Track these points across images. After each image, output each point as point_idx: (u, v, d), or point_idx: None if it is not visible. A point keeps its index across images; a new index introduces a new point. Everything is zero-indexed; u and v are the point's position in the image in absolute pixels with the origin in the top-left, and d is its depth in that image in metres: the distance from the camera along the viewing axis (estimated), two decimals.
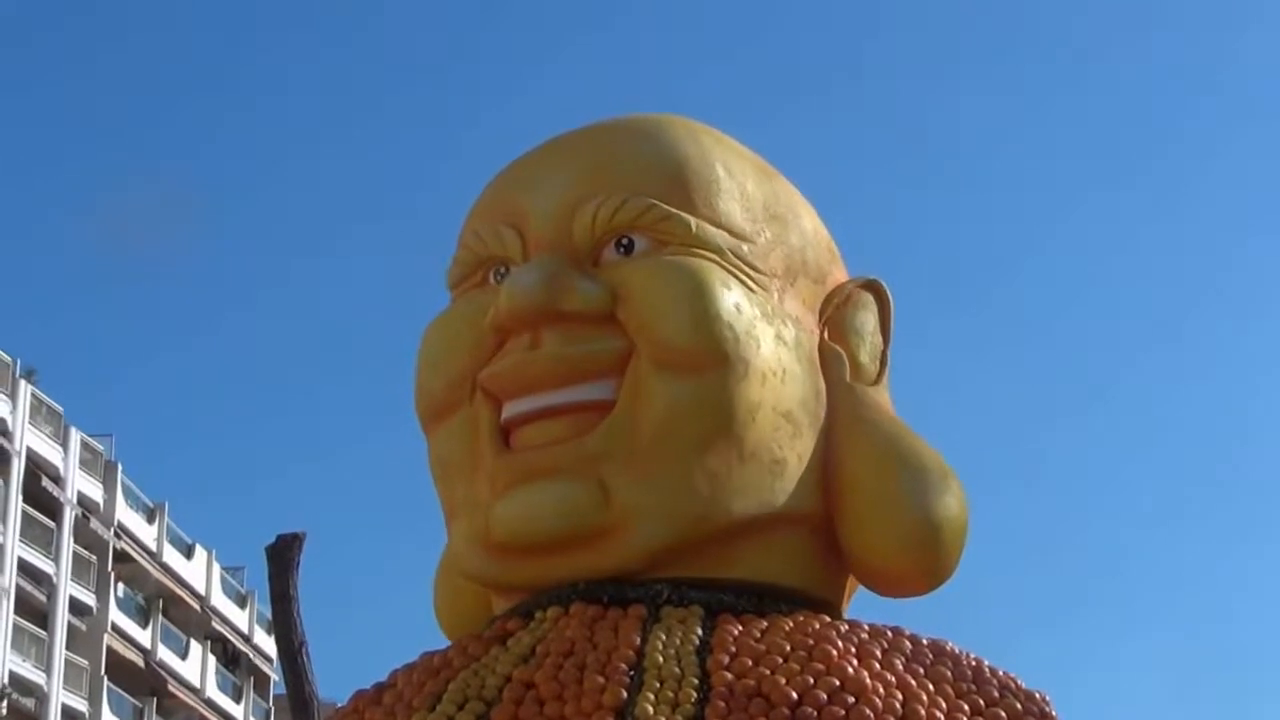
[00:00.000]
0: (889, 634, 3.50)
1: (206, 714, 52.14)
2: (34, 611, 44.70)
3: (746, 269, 3.57)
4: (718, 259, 3.54)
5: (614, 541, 3.42)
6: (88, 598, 46.93)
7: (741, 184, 3.67)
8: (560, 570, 3.46)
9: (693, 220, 3.55)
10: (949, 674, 3.40)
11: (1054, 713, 3.43)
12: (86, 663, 46.29)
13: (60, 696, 44.59)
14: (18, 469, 44.13)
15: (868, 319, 3.79)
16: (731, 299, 3.49)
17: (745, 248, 3.59)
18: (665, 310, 3.46)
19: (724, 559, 3.49)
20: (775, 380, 3.51)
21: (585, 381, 3.47)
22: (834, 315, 3.74)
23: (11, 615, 43.15)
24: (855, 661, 3.34)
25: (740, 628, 3.41)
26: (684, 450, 3.42)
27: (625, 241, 3.56)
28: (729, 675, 3.28)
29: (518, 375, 3.50)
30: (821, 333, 3.71)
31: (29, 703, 43.08)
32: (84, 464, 47.63)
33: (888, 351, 3.81)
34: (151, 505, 51.00)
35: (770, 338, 3.53)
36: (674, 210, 3.55)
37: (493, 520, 3.46)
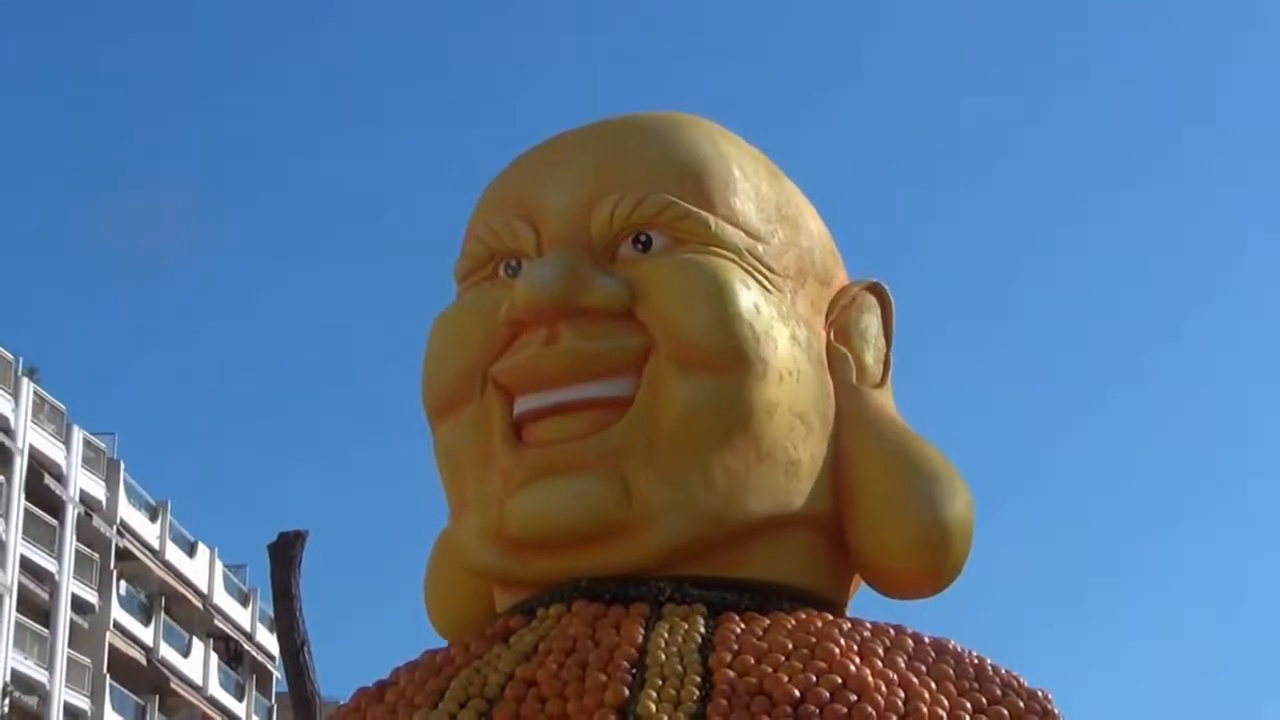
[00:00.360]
0: (891, 632, 3.50)
1: (209, 712, 52.08)
2: (36, 609, 44.65)
3: (763, 269, 3.58)
4: (735, 258, 3.55)
5: (633, 538, 3.41)
6: (90, 596, 46.84)
7: (756, 185, 3.68)
8: (574, 565, 3.46)
9: (711, 219, 3.56)
10: (951, 672, 3.41)
11: (1056, 710, 3.43)
12: (89, 661, 46.20)
13: (62, 694, 44.53)
14: (20, 467, 44.06)
15: (871, 321, 3.81)
16: (751, 298, 3.50)
17: (761, 248, 3.61)
18: (686, 308, 3.46)
19: (735, 558, 3.50)
20: (791, 380, 3.52)
21: (601, 378, 3.47)
22: (839, 318, 3.76)
23: (14, 613, 43.09)
24: (858, 659, 3.35)
25: (743, 625, 3.42)
26: (703, 448, 3.43)
27: (643, 238, 3.56)
28: (731, 673, 3.29)
29: (533, 370, 3.50)
30: (828, 335, 3.72)
31: (31, 701, 43.03)
32: (86, 462, 47.54)
33: (890, 354, 3.83)
34: (154, 503, 50.88)
35: (786, 338, 3.54)
36: (693, 208, 3.55)
37: (507, 514, 3.46)
